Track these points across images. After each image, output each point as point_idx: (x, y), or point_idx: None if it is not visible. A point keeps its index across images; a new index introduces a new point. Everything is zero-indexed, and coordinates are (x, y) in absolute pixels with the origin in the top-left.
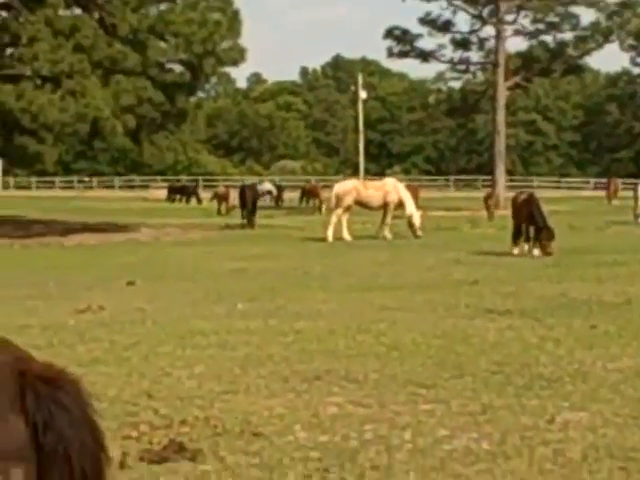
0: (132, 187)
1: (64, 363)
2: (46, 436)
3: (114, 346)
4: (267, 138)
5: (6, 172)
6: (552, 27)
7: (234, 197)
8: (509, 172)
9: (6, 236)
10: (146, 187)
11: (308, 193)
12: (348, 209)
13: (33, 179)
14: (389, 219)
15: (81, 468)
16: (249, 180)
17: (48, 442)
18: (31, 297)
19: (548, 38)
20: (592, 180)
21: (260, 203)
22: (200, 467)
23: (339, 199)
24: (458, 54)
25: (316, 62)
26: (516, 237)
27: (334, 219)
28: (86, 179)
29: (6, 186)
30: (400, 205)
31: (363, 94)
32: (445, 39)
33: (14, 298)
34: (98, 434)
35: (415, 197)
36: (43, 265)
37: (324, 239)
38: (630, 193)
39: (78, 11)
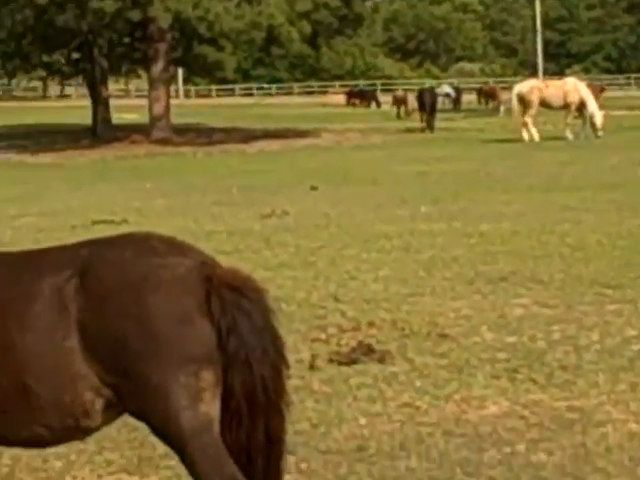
0: (310, 93)
1: (251, 268)
2: (229, 341)
3: (299, 250)
4: (444, 40)
5: (187, 81)
6: None
7: (413, 101)
8: None
9: (189, 144)
10: (324, 93)
11: (486, 95)
12: (532, 109)
13: (213, 87)
14: (570, 119)
15: (261, 375)
16: (427, 83)
17: (231, 347)
18: (216, 203)
19: None
20: None
21: (439, 106)
22: (389, 368)
23: (521, 99)
24: None
25: None
26: None
27: (522, 119)
28: (265, 86)
29: (187, 95)
30: (582, 105)
31: None
32: None
33: (200, 205)
34: (279, 343)
35: (596, 96)
36: (226, 172)
37: (512, 140)
38: None
39: None
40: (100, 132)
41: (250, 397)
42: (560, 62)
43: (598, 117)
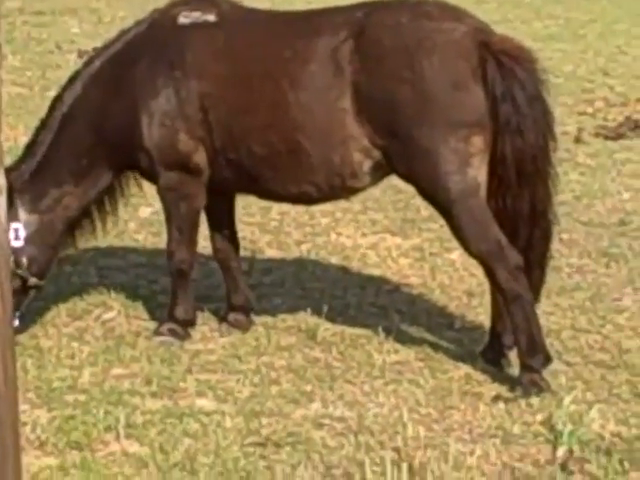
0: None
1: (520, 38)
2: (502, 108)
3: (569, 23)
4: None
5: None
6: None
7: None
8: None
9: None
10: None
11: None
12: None
13: None
14: None
15: (531, 143)
16: None
17: (504, 114)
18: None
19: None
20: None
21: None
22: None
23: None
24: None
25: None
26: None
27: None
28: None
29: None
30: None
31: None
32: None
33: None
34: (548, 113)
35: None
36: None
37: None
38: None
39: None
40: None
41: (519, 164)
42: None
43: None
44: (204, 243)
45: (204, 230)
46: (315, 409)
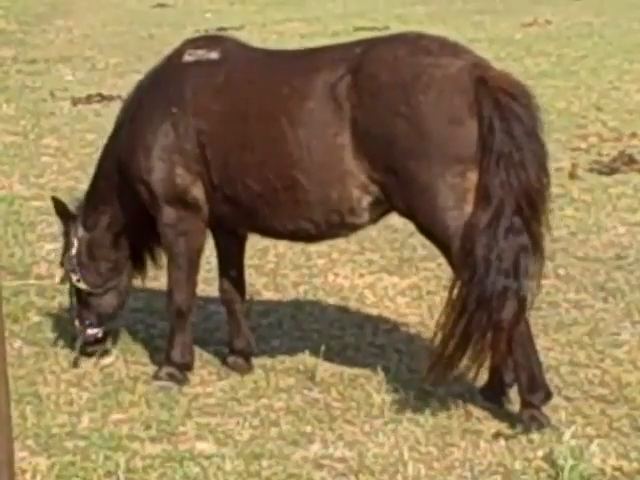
0: None
1: None
2: (502, 142)
3: (561, 60)
4: None
5: None
6: None
7: None
8: None
9: None
10: None
11: None
12: None
13: None
14: None
15: (529, 178)
16: None
17: (502, 147)
18: (478, 12)
19: None
20: None
21: None
22: None
23: None
24: None
25: None
26: None
27: None
28: None
29: None
30: None
31: None
32: None
33: (461, 13)
34: (544, 150)
35: None
36: None
37: None
38: None
39: None
40: None
41: (517, 198)
42: None
43: None
44: (203, 286)
45: (204, 273)
46: (315, 450)
